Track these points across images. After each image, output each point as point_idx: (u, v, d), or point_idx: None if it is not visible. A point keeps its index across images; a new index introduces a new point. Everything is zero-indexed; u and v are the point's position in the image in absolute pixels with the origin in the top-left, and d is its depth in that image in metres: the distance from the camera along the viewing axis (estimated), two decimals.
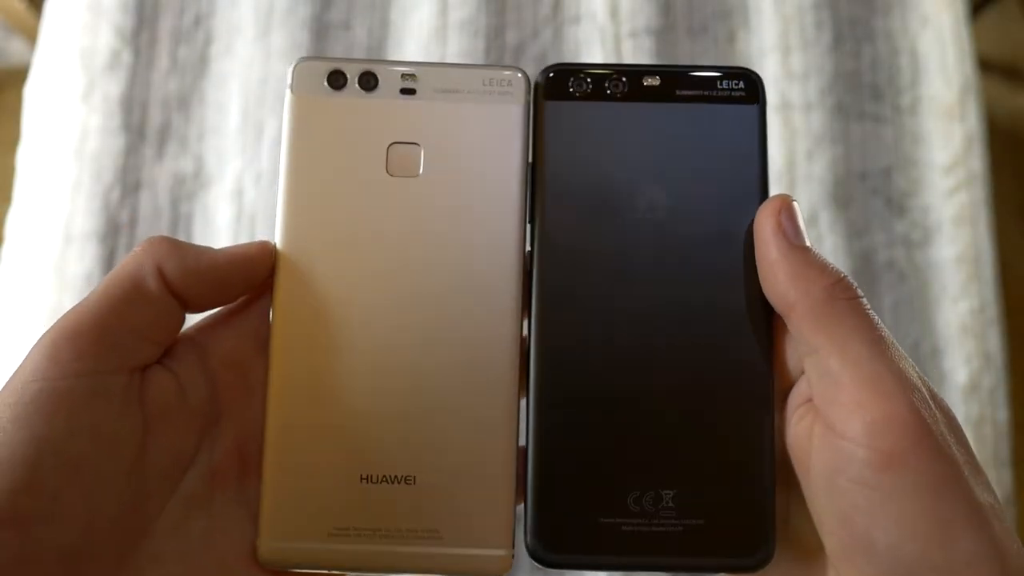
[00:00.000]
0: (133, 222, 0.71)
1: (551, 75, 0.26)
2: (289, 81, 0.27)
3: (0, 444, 0.19)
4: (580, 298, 0.25)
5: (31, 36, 0.98)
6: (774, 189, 0.75)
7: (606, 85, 0.26)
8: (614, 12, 0.74)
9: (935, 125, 0.72)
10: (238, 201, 0.71)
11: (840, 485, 0.21)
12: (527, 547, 0.25)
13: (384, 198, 0.26)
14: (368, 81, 0.26)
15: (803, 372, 0.24)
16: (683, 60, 0.73)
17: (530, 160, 0.26)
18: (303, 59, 0.27)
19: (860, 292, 0.23)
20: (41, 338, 0.21)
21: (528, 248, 0.26)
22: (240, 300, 0.26)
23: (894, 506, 0.20)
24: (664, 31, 0.74)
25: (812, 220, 0.69)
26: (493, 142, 0.26)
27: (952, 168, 0.70)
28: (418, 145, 0.26)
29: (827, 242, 0.69)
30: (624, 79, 0.26)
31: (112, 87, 0.74)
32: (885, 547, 0.20)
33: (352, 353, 0.25)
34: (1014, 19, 1.27)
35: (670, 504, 0.24)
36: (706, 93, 0.26)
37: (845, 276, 0.23)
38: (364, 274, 0.26)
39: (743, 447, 0.24)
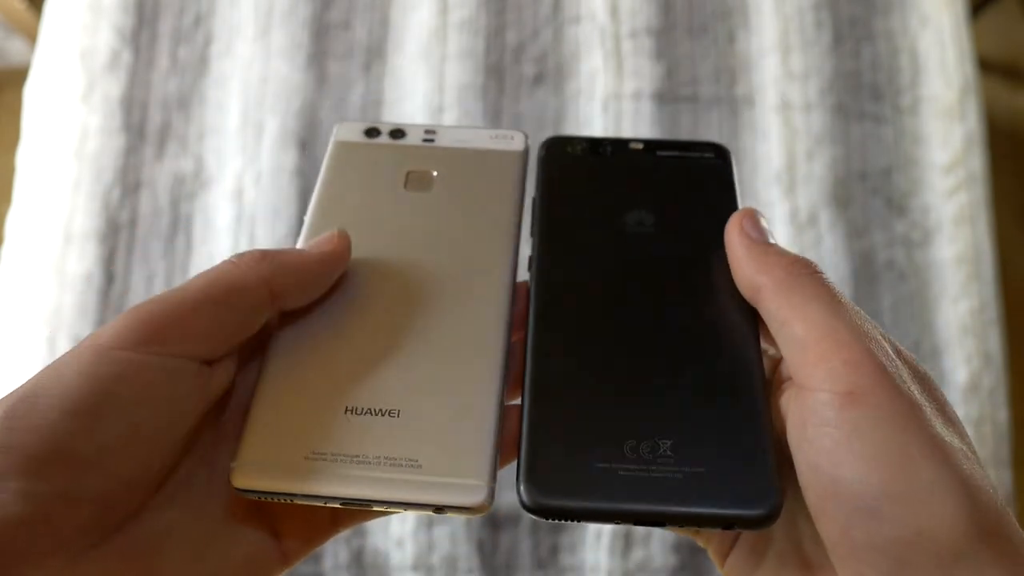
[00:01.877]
0: (133, 222, 0.71)
1: (552, 140, 0.32)
2: (332, 136, 0.32)
3: (69, 392, 0.21)
4: (578, 268, 0.28)
5: (31, 36, 0.98)
6: (773, 189, 0.75)
7: (598, 148, 0.32)
8: (614, 12, 0.74)
9: (935, 125, 0.72)
10: (238, 201, 0.71)
11: (808, 434, 0.22)
12: (520, 497, 0.24)
13: (398, 204, 0.30)
14: (397, 134, 0.32)
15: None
16: (683, 60, 0.73)
17: (533, 196, 0.31)
18: (344, 122, 0.32)
19: (819, 269, 0.24)
20: (131, 309, 0.23)
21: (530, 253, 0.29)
22: None
23: (856, 442, 0.20)
24: (664, 31, 0.74)
25: (812, 220, 0.69)
26: (496, 171, 0.31)
27: (952, 168, 0.70)
28: (432, 171, 0.31)
29: (827, 242, 0.69)
30: (613, 143, 0.32)
31: (112, 87, 0.74)
32: (849, 484, 0.20)
33: (355, 306, 0.27)
34: (1014, 19, 1.27)
35: (668, 452, 0.24)
36: (682, 153, 0.31)
37: (802, 257, 0.25)
38: (372, 251, 0.29)
39: (738, 401, 0.25)
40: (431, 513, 0.24)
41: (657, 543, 0.62)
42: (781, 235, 0.69)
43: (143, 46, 0.76)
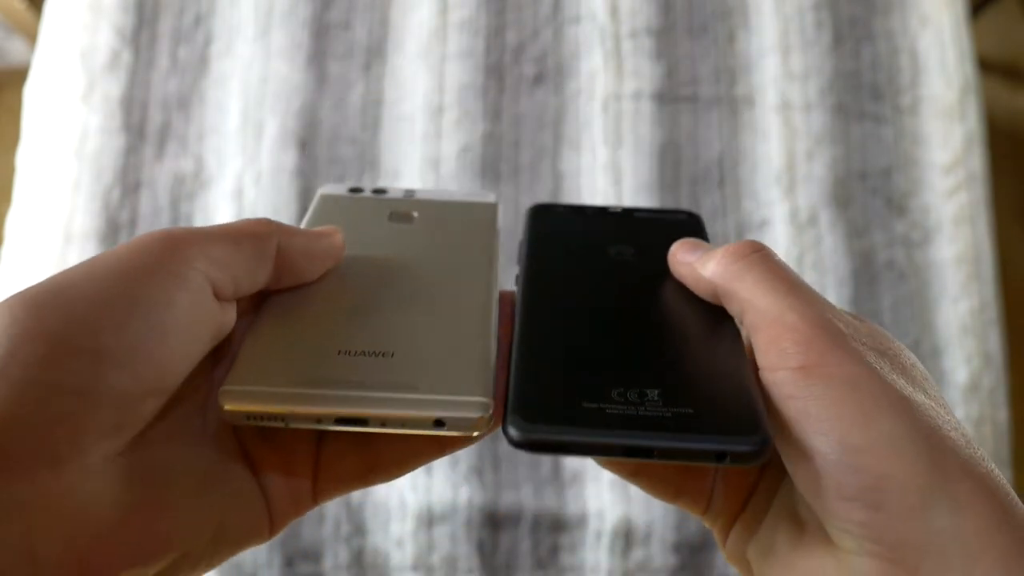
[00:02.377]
0: (133, 222, 0.71)
1: (537, 205, 0.34)
2: (316, 194, 0.34)
3: (101, 285, 0.21)
4: (564, 271, 0.30)
5: (31, 36, 0.98)
6: (773, 189, 0.74)
7: (580, 209, 0.35)
8: (614, 12, 0.74)
9: (935, 125, 0.72)
10: (238, 201, 0.71)
11: (773, 408, 0.23)
12: (506, 431, 0.23)
13: (381, 231, 0.32)
14: (380, 191, 0.34)
15: None
16: (683, 60, 0.73)
17: (520, 240, 0.32)
18: (327, 184, 0.34)
19: (754, 248, 0.25)
20: (163, 233, 0.23)
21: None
22: None
23: (813, 406, 0.22)
24: (664, 31, 0.74)
25: (812, 220, 0.69)
26: (470, 214, 0.33)
27: (952, 168, 0.70)
28: (413, 212, 0.33)
29: (827, 242, 0.69)
30: (594, 207, 0.35)
31: (112, 87, 0.74)
32: (813, 445, 0.21)
33: (346, 280, 0.29)
34: (1014, 19, 1.27)
35: (655, 398, 0.24)
36: (657, 215, 0.34)
37: (732, 245, 0.26)
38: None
39: (721, 356, 0.26)
40: (429, 432, 0.23)
41: (657, 543, 0.61)
42: (781, 235, 0.69)
43: (143, 46, 0.76)
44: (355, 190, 0.34)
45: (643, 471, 0.28)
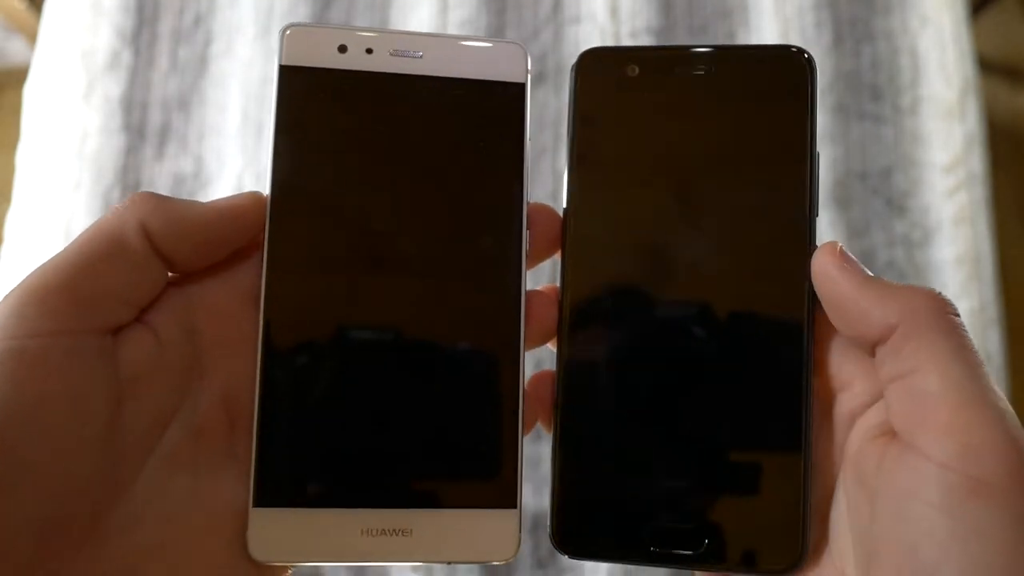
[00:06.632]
0: None
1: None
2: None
3: None
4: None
5: (31, 36, 0.98)
6: None
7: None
8: (614, 12, 0.74)
9: (935, 125, 0.72)
10: None
11: (915, 510, 0.19)
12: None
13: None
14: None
15: (851, 391, 0.23)
16: None
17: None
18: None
19: (956, 309, 0.21)
20: (8, 295, 0.20)
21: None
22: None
23: (975, 539, 0.18)
24: (664, 31, 0.74)
25: None
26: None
27: (952, 168, 0.70)
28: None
29: None
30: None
31: (112, 87, 0.74)
32: None
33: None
34: (1014, 19, 1.27)
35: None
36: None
37: (934, 291, 0.21)
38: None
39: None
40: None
41: None
42: None
43: (143, 46, 0.76)
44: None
45: None
